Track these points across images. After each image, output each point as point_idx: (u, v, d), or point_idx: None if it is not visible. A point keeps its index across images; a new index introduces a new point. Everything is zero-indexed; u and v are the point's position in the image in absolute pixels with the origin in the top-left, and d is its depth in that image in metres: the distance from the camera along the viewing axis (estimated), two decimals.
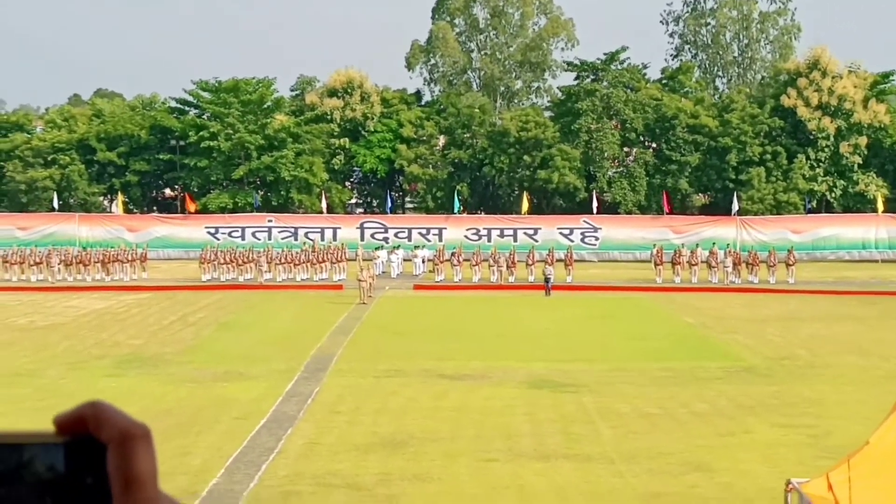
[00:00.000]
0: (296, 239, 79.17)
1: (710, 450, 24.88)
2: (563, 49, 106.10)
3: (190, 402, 29.99)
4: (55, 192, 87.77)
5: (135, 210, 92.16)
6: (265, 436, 25.96)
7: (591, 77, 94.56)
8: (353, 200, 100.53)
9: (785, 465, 23.15)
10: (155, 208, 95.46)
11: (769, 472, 22.68)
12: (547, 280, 60.98)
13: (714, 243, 69.59)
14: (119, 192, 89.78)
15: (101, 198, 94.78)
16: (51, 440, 1.28)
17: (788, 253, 66.96)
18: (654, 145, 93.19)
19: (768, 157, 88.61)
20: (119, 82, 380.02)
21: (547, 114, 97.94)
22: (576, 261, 68.28)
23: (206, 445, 25.03)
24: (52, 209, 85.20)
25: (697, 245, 70.06)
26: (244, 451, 24.49)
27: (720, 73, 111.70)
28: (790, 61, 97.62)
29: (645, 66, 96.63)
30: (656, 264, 67.08)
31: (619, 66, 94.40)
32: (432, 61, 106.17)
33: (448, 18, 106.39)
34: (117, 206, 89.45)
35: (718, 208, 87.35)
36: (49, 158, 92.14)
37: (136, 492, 1.27)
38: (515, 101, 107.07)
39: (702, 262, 66.98)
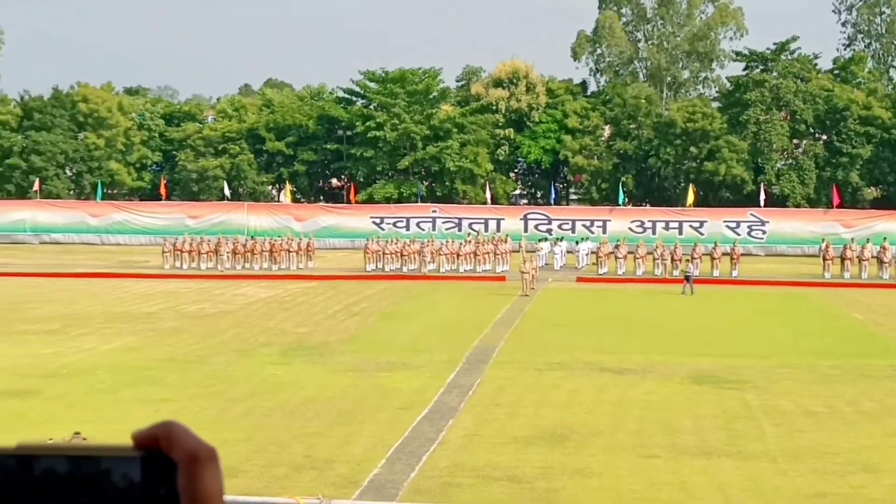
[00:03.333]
0: (460, 230, 79.47)
1: (878, 450, 24.34)
2: (731, 38, 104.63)
3: (353, 392, 30.29)
4: (225, 182, 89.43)
5: (302, 199, 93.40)
6: (426, 426, 26.11)
7: (761, 67, 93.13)
8: (517, 191, 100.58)
9: None
10: (322, 198, 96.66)
11: None
12: (687, 278, 58.35)
13: (885, 238, 68.00)
14: (287, 182, 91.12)
15: (270, 187, 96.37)
16: (128, 454, 1.35)
17: None
18: (824, 137, 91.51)
19: None
20: (288, 73, 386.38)
21: (714, 104, 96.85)
22: (742, 255, 67.29)
23: (368, 435, 25.26)
24: (223, 198, 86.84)
25: (868, 240, 68.41)
26: (405, 441, 24.66)
27: (894, 64, 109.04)
28: None
29: (816, 57, 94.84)
30: (825, 259, 65.82)
31: (790, 57, 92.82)
32: (598, 51, 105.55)
33: (615, 8, 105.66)
34: (285, 196, 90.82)
35: (891, 202, 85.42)
36: (220, 148, 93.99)
37: None
38: (682, 91, 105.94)
39: (872, 257, 65.53)
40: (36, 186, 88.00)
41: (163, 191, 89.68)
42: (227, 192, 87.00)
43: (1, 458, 1.31)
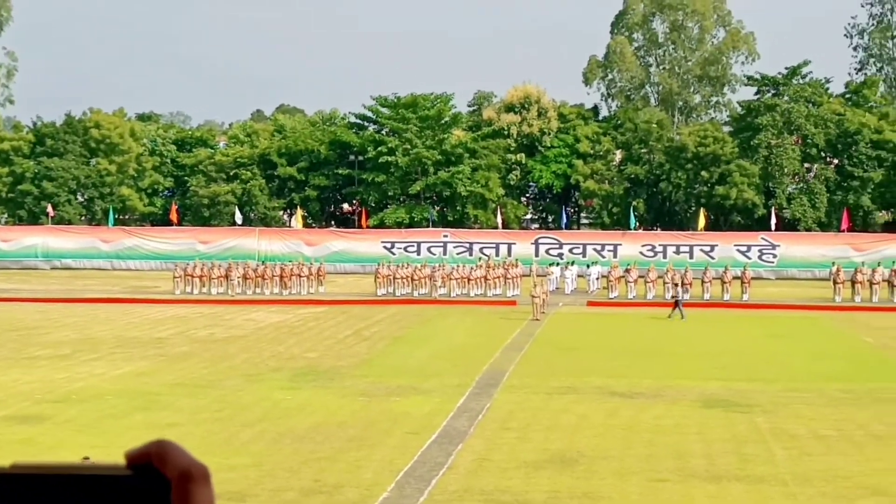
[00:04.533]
0: (471, 254, 79.53)
1: (889, 473, 24.25)
2: (743, 63, 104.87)
3: (363, 416, 30.27)
4: (237, 207, 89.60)
5: (313, 224, 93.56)
6: (436, 451, 26.07)
7: (772, 91, 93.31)
8: (529, 216, 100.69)
9: None
10: (333, 223, 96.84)
11: None
12: (677, 302, 57.59)
13: (894, 262, 67.90)
14: (298, 207, 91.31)
15: (281, 212, 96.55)
16: (121, 472, 1.37)
17: None
18: (835, 161, 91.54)
19: None
20: (300, 98, 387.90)
21: (726, 129, 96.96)
22: (753, 278, 67.21)
23: (377, 459, 25.23)
24: (234, 223, 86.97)
25: (879, 263, 68.32)
26: (415, 465, 24.62)
27: None
28: None
29: (828, 81, 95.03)
30: (835, 283, 65.73)
31: (801, 81, 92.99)
32: (610, 76, 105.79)
33: (626, 33, 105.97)
34: (296, 221, 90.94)
35: None
36: (231, 173, 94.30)
37: None
38: (694, 115, 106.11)
39: (883, 280, 65.43)
40: (49, 212, 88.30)
41: (174, 216, 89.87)
42: (238, 217, 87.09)
43: None
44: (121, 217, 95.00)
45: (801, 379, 37.41)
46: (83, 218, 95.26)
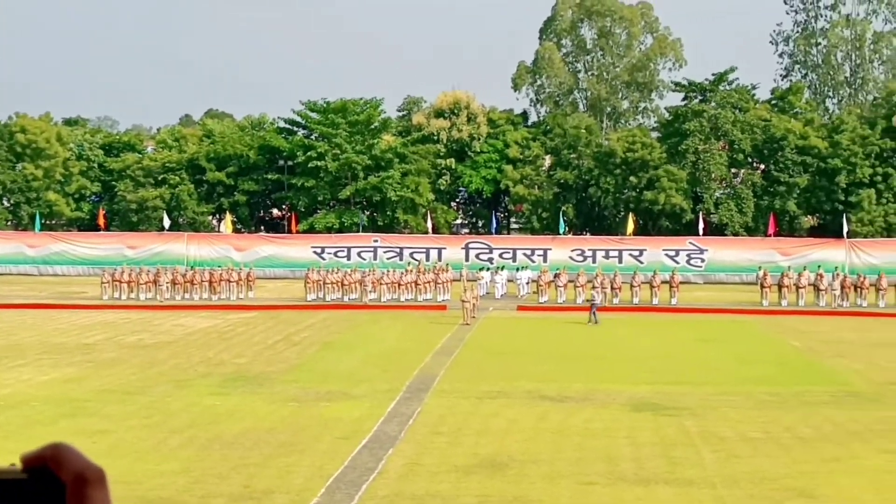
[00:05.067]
0: (401, 259, 79.47)
1: (814, 476, 24.52)
2: (670, 69, 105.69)
3: (293, 422, 30.19)
4: (165, 212, 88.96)
5: (243, 229, 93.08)
6: (366, 456, 26.06)
7: (699, 97, 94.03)
8: (459, 221, 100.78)
9: (891, 492, 22.80)
10: (262, 228, 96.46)
11: (875, 500, 22.35)
12: (592, 306, 57.90)
13: (820, 266, 68.71)
14: (227, 212, 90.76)
15: (210, 217, 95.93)
16: (17, 476, 1.35)
17: None
18: (762, 166, 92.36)
19: (879, 178, 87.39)
20: (229, 103, 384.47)
21: (654, 134, 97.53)
22: (681, 283, 67.75)
23: (307, 464, 25.18)
24: (162, 229, 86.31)
25: (805, 268, 69.04)
26: (345, 470, 24.60)
27: (830, 94, 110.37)
28: None
29: (754, 87, 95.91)
30: (762, 287, 66.37)
31: (728, 87, 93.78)
32: (539, 82, 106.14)
33: (555, 39, 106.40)
34: (225, 226, 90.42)
35: (827, 230, 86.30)
36: (159, 178, 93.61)
37: None
38: (622, 121, 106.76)
39: (809, 284, 66.12)
40: None
41: (101, 221, 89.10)
42: (166, 222, 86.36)
43: None
44: (48, 222, 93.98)
45: (729, 382, 37.75)
46: (9, 223, 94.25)
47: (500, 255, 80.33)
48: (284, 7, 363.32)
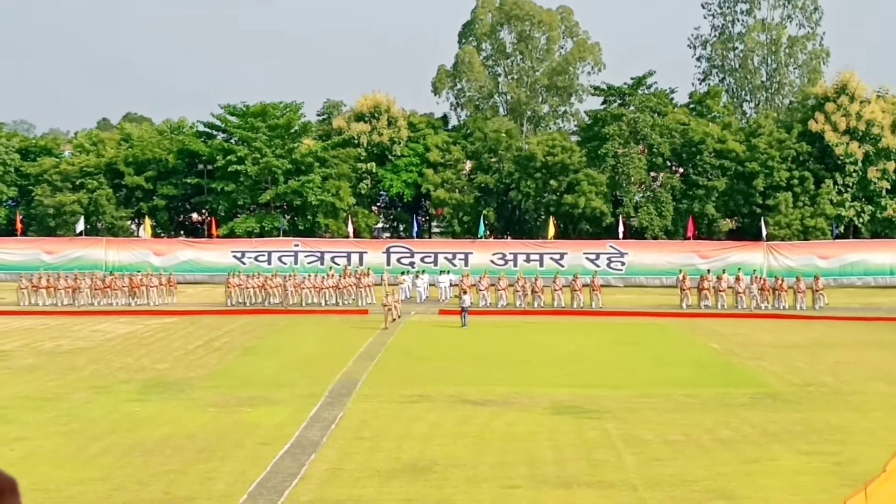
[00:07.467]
0: (322, 263, 79.31)
1: (734, 477, 24.72)
2: (589, 73, 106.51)
3: (214, 428, 29.99)
4: (83, 217, 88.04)
5: (162, 234, 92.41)
6: (288, 461, 25.94)
7: (618, 102, 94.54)
8: (380, 225, 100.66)
9: (809, 492, 23.04)
10: (182, 232, 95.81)
11: (793, 500, 22.56)
12: (463, 309, 57.64)
13: (739, 269, 69.48)
14: (146, 217, 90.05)
15: (129, 222, 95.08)
16: None
17: (815, 279, 66.85)
18: (680, 170, 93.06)
19: (796, 182, 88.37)
20: (148, 107, 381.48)
21: (573, 138, 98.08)
22: (602, 286, 68.22)
23: (229, 471, 25.02)
24: (79, 233, 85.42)
25: (724, 270, 69.76)
26: (267, 476, 24.46)
27: (748, 98, 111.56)
28: (818, 86, 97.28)
29: (672, 91, 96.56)
30: (682, 290, 66.94)
31: (646, 91, 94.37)
32: (459, 86, 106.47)
33: (475, 43, 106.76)
34: (145, 231, 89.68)
35: (745, 234, 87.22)
36: (77, 183, 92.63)
37: None
38: (542, 125, 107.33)
39: (728, 287, 66.80)
40: None
41: (18, 226, 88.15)
42: (80, 227, 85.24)
43: None
44: None
45: (650, 385, 38.00)
46: None
47: (422, 259, 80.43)
48: (204, 8, 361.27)
